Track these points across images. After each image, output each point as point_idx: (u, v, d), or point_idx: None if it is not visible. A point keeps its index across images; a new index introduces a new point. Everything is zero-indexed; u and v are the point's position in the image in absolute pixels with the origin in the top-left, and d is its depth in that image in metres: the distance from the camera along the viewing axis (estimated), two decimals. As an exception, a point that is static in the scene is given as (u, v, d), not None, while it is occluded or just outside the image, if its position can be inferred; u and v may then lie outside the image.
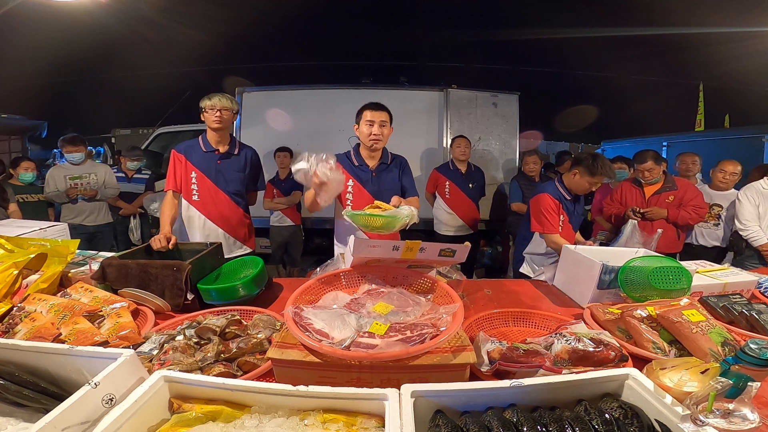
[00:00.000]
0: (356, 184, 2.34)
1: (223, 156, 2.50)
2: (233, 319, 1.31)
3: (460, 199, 4.19)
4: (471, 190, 4.22)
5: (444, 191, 4.21)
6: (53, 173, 3.99)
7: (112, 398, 0.81)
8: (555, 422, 0.76)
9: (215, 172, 2.48)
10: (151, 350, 1.16)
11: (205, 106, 2.40)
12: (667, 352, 1.20)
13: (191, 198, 2.49)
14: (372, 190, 2.34)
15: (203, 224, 2.52)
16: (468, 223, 4.26)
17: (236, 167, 2.54)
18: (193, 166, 2.47)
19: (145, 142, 6.40)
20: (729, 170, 3.47)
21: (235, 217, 2.58)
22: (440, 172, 4.26)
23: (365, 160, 2.36)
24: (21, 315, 1.34)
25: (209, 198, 2.49)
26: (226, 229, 2.55)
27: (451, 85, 5.05)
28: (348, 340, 0.99)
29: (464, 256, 1.43)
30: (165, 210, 2.38)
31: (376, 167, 2.36)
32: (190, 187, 2.48)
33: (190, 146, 2.51)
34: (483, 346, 1.14)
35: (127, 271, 1.61)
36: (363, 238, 1.48)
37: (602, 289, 1.65)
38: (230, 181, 2.52)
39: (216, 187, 2.49)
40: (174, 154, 2.50)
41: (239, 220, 2.60)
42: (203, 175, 2.47)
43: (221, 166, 2.50)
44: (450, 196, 4.20)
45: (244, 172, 2.57)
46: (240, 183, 2.56)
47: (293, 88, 5.15)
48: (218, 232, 2.52)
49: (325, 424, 0.79)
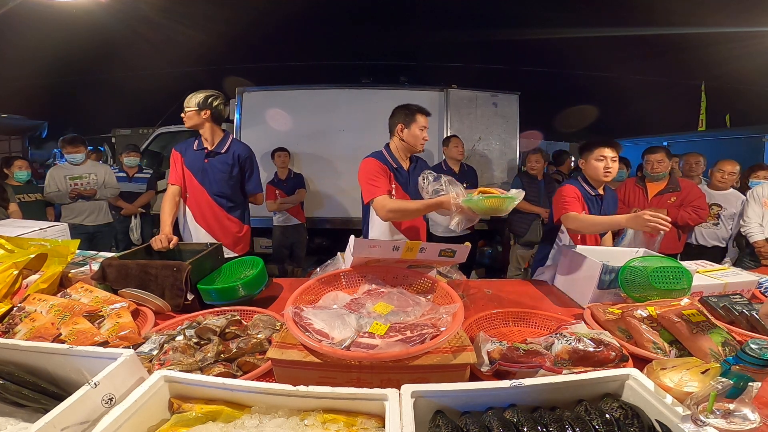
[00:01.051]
0: (397, 186, 2.30)
1: (209, 154, 2.44)
2: (233, 319, 1.31)
3: None
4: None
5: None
6: (53, 173, 3.98)
7: (111, 398, 0.81)
8: (555, 422, 0.76)
9: (201, 171, 2.43)
10: (151, 350, 1.16)
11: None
12: (667, 353, 1.20)
13: (184, 196, 2.48)
14: (409, 191, 2.32)
15: (192, 223, 2.48)
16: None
17: (221, 167, 2.44)
18: (184, 165, 2.45)
19: (146, 142, 6.40)
20: (727, 170, 3.49)
21: (218, 220, 2.48)
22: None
23: (400, 162, 2.33)
24: (21, 315, 1.34)
25: (196, 198, 2.45)
26: (210, 231, 2.47)
27: (451, 85, 5.04)
28: (348, 340, 0.99)
29: (464, 256, 1.44)
30: (165, 207, 2.36)
31: (410, 168, 2.36)
32: (185, 185, 2.47)
33: (187, 144, 2.50)
34: (483, 346, 1.14)
35: (127, 272, 1.61)
36: (363, 239, 1.48)
37: (602, 289, 1.65)
38: (214, 181, 2.43)
39: (201, 187, 2.44)
40: (173, 152, 2.50)
41: (222, 224, 2.49)
42: (191, 174, 2.44)
43: (207, 165, 2.43)
44: None
45: (230, 173, 2.46)
46: (224, 184, 2.46)
47: (293, 88, 5.14)
48: (202, 232, 2.47)
49: (325, 425, 0.79)
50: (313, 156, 4.99)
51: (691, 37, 7.18)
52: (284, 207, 4.46)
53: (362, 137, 4.71)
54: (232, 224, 2.53)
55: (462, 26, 9.01)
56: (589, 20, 7.44)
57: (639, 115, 10.36)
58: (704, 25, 6.58)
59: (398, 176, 2.28)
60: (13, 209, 3.50)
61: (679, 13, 6.55)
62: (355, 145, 4.64)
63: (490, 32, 8.36)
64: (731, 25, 6.20)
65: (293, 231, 4.63)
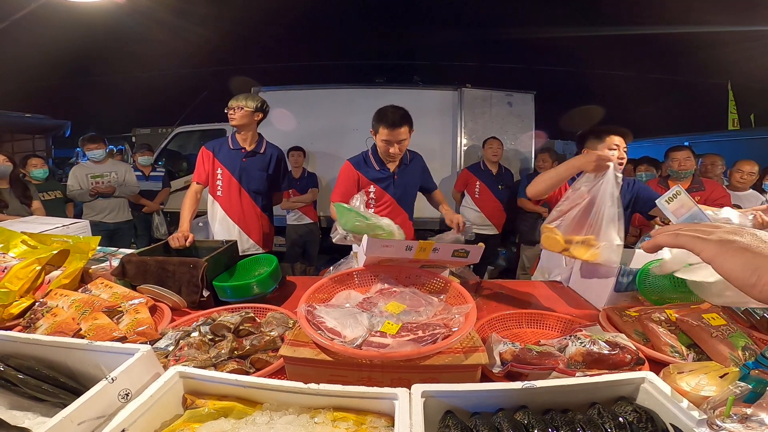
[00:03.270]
0: (377, 189, 2.32)
1: (249, 154, 2.56)
2: (247, 316, 1.33)
3: (489, 200, 4.24)
4: (500, 191, 4.26)
5: (474, 191, 4.26)
6: (75, 172, 4.11)
7: (128, 393, 0.83)
8: (567, 425, 0.75)
9: (239, 170, 2.54)
10: (167, 346, 1.18)
11: (228, 106, 2.49)
12: (685, 356, 1.17)
13: (215, 193, 2.58)
14: (394, 192, 2.33)
15: (223, 219, 2.59)
16: (494, 223, 4.29)
17: (260, 166, 2.59)
18: (219, 162, 2.54)
19: (164, 141, 6.53)
20: (746, 170, 3.42)
21: (253, 216, 2.62)
22: (471, 171, 4.31)
23: (386, 163, 2.33)
24: (43, 310, 1.38)
25: (230, 195, 2.56)
26: (243, 226, 2.60)
27: (466, 84, 5.02)
28: (359, 339, 0.99)
29: (478, 256, 1.43)
30: (186, 204, 2.43)
31: (397, 170, 2.35)
32: (216, 182, 2.56)
33: (220, 143, 2.58)
34: (495, 347, 1.13)
35: (145, 268, 1.65)
36: (376, 238, 1.48)
37: (619, 291, 1.62)
38: (252, 179, 2.57)
39: (239, 184, 2.55)
40: (203, 150, 2.57)
41: (256, 219, 2.64)
42: (228, 172, 2.54)
43: (246, 164, 2.55)
44: (479, 196, 4.24)
45: (267, 172, 2.62)
46: (262, 182, 2.61)
47: (308, 87, 5.19)
48: (235, 229, 2.57)
49: (335, 422, 0.79)
50: (327, 155, 5.02)
51: (712, 35, 7.02)
52: (296, 206, 4.52)
53: (367, 137, 4.73)
54: (264, 220, 2.69)
55: (476, 25, 8.96)
56: (606, 19, 7.33)
57: (659, 115, 10.15)
58: (726, 24, 6.42)
59: (378, 178, 2.32)
60: (36, 206, 3.60)
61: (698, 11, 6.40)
62: (369, 145, 4.65)
63: (504, 31, 8.29)
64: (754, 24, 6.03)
65: (306, 230, 4.68)
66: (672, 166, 3.23)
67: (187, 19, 7.55)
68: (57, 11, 5.69)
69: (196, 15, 7.50)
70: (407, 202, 2.43)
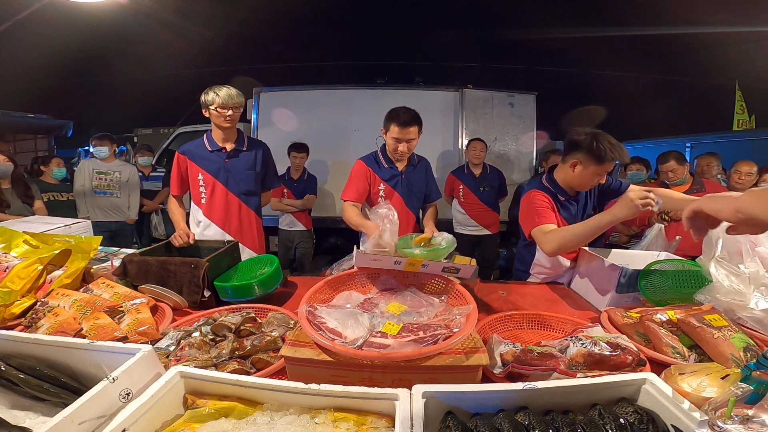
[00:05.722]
0: (387, 188, 2.33)
1: (231, 154, 2.36)
2: (248, 316, 1.33)
3: (473, 202, 4.21)
4: (483, 193, 4.20)
5: (459, 194, 4.23)
6: (83, 166, 4.23)
7: (129, 393, 0.83)
8: (567, 426, 0.75)
9: (224, 173, 2.35)
10: (168, 346, 1.18)
11: (214, 104, 2.22)
12: (686, 357, 1.17)
13: (199, 201, 2.38)
14: (402, 191, 2.34)
15: (207, 228, 2.39)
16: (483, 224, 4.26)
17: (246, 165, 2.40)
18: (198, 167, 2.34)
19: (166, 142, 6.54)
20: (744, 171, 3.43)
21: (245, 221, 2.44)
22: (455, 175, 4.29)
23: (393, 162, 2.35)
24: (44, 310, 1.38)
25: (217, 201, 2.36)
26: (233, 233, 2.38)
27: (467, 85, 5.01)
28: (360, 339, 0.99)
29: (469, 273, 1.38)
30: (173, 209, 2.33)
31: (405, 169, 2.36)
32: (198, 189, 2.36)
33: (195, 146, 2.38)
34: (496, 348, 1.13)
35: (147, 268, 1.65)
36: (364, 252, 1.47)
37: (621, 293, 1.62)
38: (240, 180, 2.38)
39: (225, 189, 2.36)
40: (177, 155, 2.37)
41: (249, 223, 2.46)
42: (210, 176, 2.34)
43: (230, 165, 2.35)
44: (464, 199, 4.22)
45: (255, 170, 2.43)
46: (251, 181, 2.42)
47: (309, 88, 5.19)
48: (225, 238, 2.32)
49: (336, 423, 0.79)
50: (329, 155, 5.02)
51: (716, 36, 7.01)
52: (288, 209, 4.25)
53: (377, 137, 4.72)
54: (257, 224, 2.51)
55: (478, 26, 8.94)
56: (608, 19, 7.32)
57: (660, 115, 10.13)
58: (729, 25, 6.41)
59: (388, 176, 2.33)
60: (38, 206, 3.62)
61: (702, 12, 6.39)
62: (370, 145, 4.65)
63: (506, 32, 8.28)
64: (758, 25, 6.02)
65: (298, 237, 4.39)
66: (663, 178, 3.27)
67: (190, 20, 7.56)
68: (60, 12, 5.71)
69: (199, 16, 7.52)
70: (413, 203, 2.43)
